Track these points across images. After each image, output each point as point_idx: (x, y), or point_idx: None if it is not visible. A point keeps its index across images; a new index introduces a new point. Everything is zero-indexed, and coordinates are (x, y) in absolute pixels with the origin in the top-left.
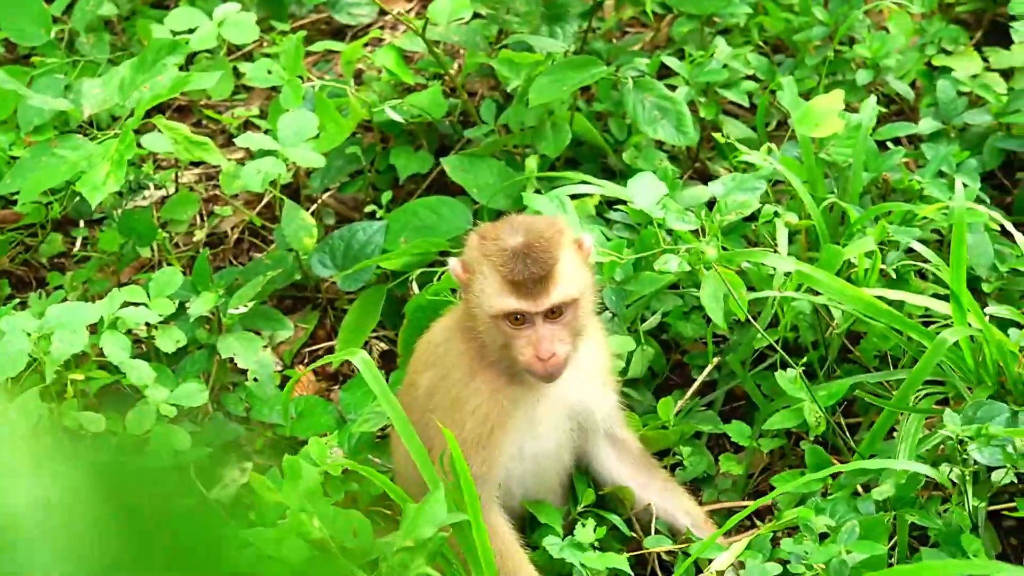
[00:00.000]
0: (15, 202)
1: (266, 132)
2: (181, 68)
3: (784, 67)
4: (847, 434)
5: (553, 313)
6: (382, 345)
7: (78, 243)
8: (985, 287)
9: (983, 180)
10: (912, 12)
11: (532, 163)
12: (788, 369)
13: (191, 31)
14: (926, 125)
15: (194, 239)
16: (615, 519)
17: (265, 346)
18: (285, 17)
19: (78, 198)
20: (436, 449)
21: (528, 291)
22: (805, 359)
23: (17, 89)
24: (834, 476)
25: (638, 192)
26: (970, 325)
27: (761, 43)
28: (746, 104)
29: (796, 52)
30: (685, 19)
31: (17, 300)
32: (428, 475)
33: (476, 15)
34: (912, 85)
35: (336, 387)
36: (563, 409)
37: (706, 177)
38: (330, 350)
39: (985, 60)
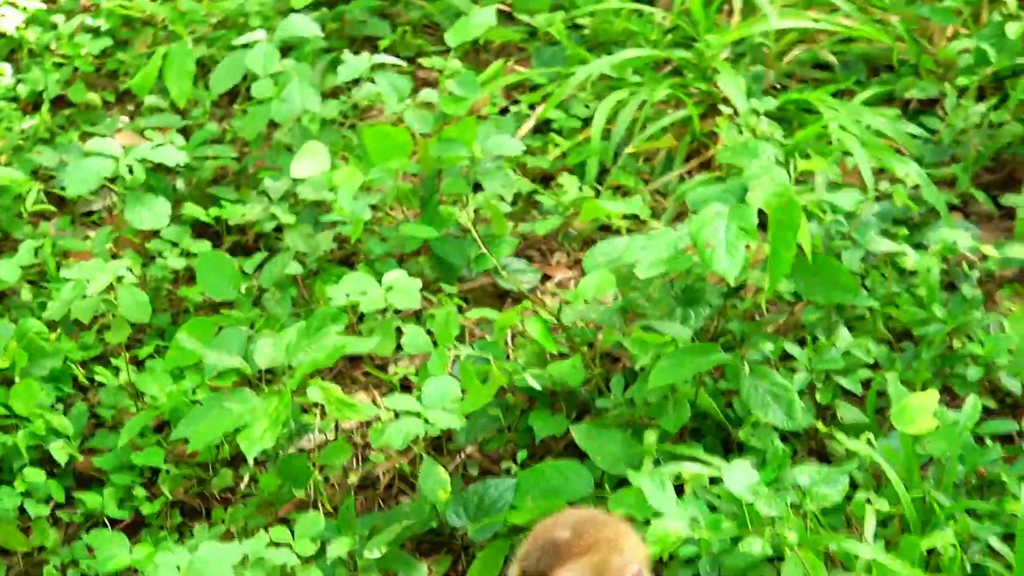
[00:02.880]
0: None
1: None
2: (354, 324)
3: (904, 357)
4: None
5: None
6: None
7: (245, 480)
8: None
9: None
10: None
11: (651, 437)
12: None
13: (363, 294)
14: None
15: (348, 481)
16: None
17: None
18: (454, 281)
19: None
20: None
21: None
22: None
23: (196, 349)
24: None
25: (732, 478)
26: None
27: (886, 331)
28: (859, 393)
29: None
30: (814, 308)
31: (185, 529)
32: None
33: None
34: None
35: None
36: None
37: (823, 455)
38: None
39: None
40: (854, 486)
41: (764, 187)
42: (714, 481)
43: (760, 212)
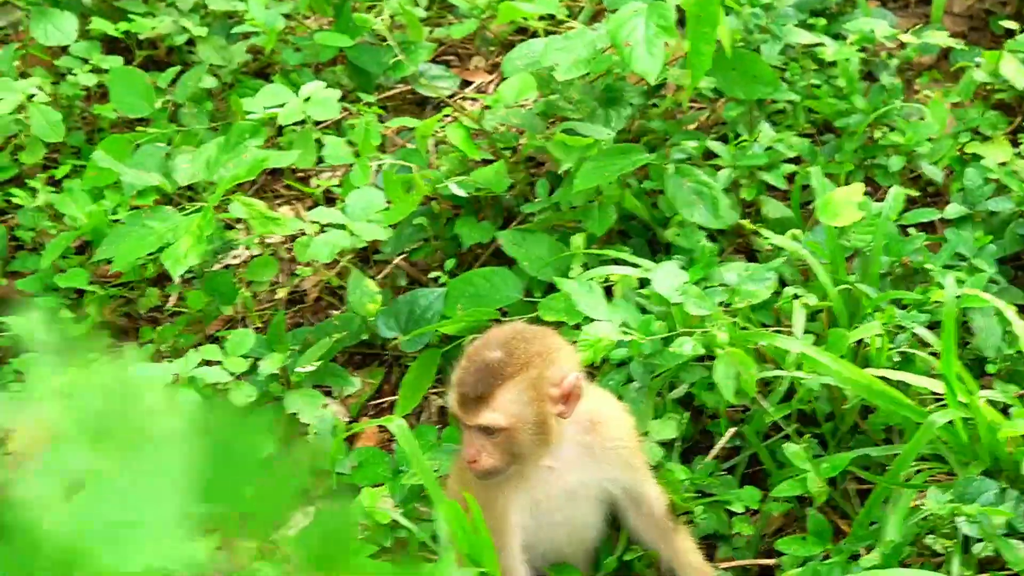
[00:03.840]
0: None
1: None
2: (273, 138)
3: (827, 149)
4: (853, 500)
5: (486, 430)
6: (439, 401)
7: (172, 299)
8: (990, 368)
9: (1007, 263)
10: (950, 102)
11: (578, 240)
12: (796, 441)
13: (281, 106)
14: (952, 210)
15: (276, 296)
16: None
17: (325, 404)
18: (372, 89)
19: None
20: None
21: (465, 403)
22: (817, 430)
23: (112, 167)
24: (837, 540)
25: (659, 279)
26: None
27: (808, 124)
28: (783, 187)
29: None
30: (735, 103)
31: (114, 351)
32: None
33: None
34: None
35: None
36: (574, 490)
37: (750, 253)
38: (393, 404)
39: (1017, 146)
40: (782, 283)
41: None
42: (643, 283)
43: (678, 9)
